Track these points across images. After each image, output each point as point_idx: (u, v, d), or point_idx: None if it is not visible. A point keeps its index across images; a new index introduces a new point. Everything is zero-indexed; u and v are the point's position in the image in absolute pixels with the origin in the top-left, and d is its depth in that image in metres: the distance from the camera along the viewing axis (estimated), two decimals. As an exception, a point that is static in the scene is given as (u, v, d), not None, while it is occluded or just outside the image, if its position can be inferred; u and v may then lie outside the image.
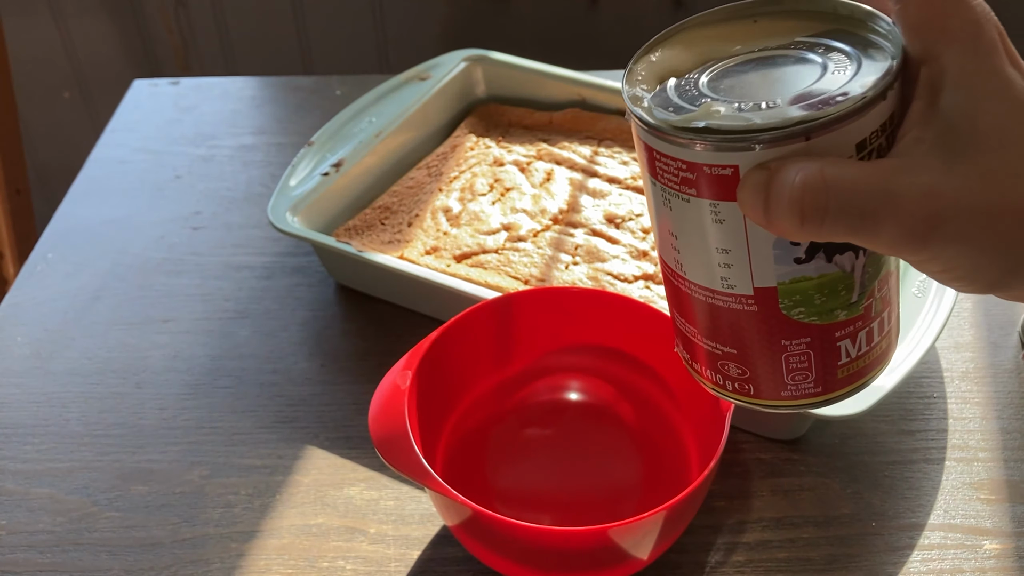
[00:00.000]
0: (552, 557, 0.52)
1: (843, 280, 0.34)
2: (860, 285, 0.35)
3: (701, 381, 0.40)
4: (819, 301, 0.35)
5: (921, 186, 0.30)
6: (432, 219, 0.74)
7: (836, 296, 0.35)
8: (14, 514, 0.60)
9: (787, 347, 0.36)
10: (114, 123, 0.94)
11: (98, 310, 0.74)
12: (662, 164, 0.33)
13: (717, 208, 0.33)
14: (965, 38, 0.31)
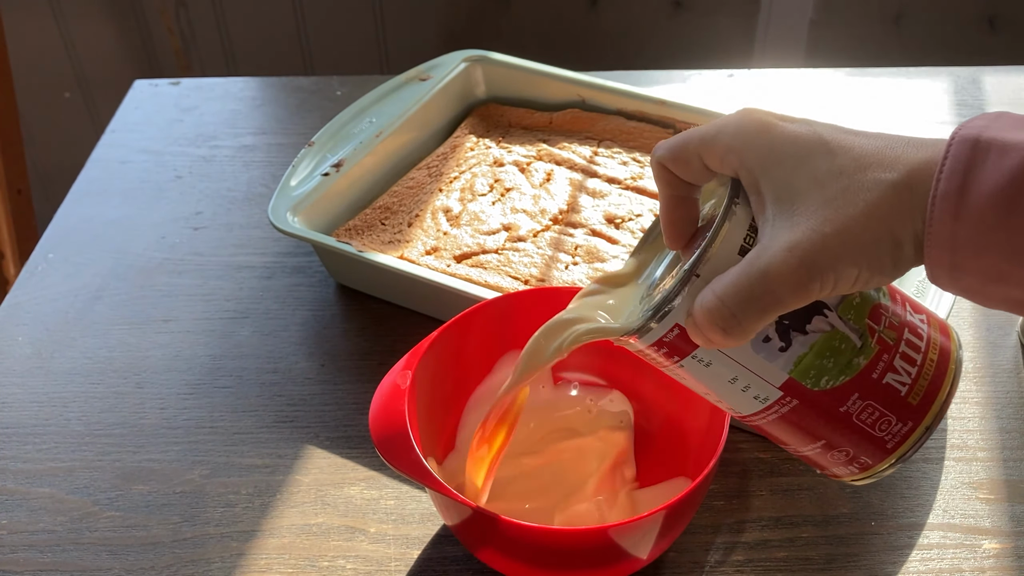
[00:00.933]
0: (552, 556, 0.52)
1: (833, 338, 0.39)
2: (853, 332, 0.39)
3: (841, 480, 0.44)
4: (831, 364, 0.39)
5: (780, 251, 0.37)
6: (432, 219, 0.75)
7: (841, 352, 0.39)
8: (15, 513, 0.60)
9: (850, 411, 0.40)
10: (115, 123, 0.95)
11: (99, 310, 0.74)
12: (657, 355, 0.41)
13: (697, 358, 0.40)
14: (744, 151, 0.39)
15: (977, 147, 0.35)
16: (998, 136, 0.35)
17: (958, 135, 0.35)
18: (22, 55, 1.46)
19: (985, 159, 0.34)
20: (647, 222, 0.73)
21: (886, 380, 0.39)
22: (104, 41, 1.51)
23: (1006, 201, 0.34)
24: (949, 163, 0.35)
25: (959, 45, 1.47)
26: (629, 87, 0.83)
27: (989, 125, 0.35)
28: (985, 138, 0.35)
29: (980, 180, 0.34)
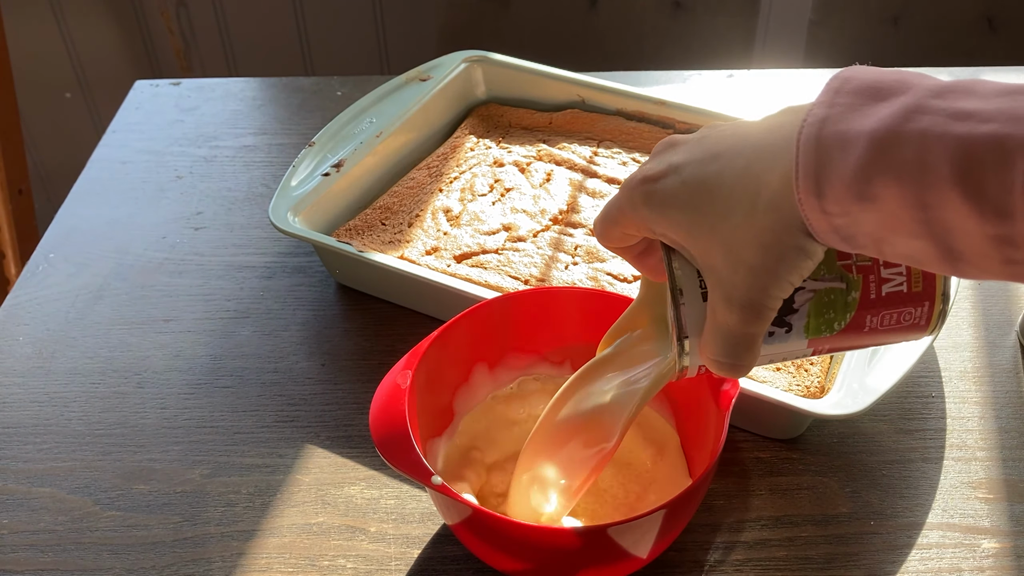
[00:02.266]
0: (552, 555, 0.52)
1: (821, 297, 0.42)
2: (834, 280, 0.42)
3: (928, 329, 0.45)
4: (833, 313, 0.42)
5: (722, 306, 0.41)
6: (432, 219, 0.75)
7: (834, 302, 0.42)
8: (16, 513, 0.60)
9: (873, 327, 0.43)
10: (116, 123, 0.95)
11: (100, 310, 0.75)
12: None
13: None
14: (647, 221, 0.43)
15: (820, 148, 0.36)
16: (838, 128, 0.36)
17: (802, 136, 0.37)
18: (23, 55, 1.46)
19: (828, 160, 0.36)
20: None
21: (884, 291, 0.42)
22: (105, 41, 1.51)
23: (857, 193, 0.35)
24: (801, 180, 0.36)
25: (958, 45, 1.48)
26: (629, 87, 0.83)
27: (828, 116, 0.36)
28: (826, 134, 0.36)
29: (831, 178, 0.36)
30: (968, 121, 0.33)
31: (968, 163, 0.33)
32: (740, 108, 0.80)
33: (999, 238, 0.33)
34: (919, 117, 0.34)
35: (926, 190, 0.34)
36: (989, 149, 0.32)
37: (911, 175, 0.34)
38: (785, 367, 0.62)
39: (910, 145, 0.34)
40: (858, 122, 0.35)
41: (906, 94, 0.35)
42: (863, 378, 0.58)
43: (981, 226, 0.33)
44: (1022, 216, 0.32)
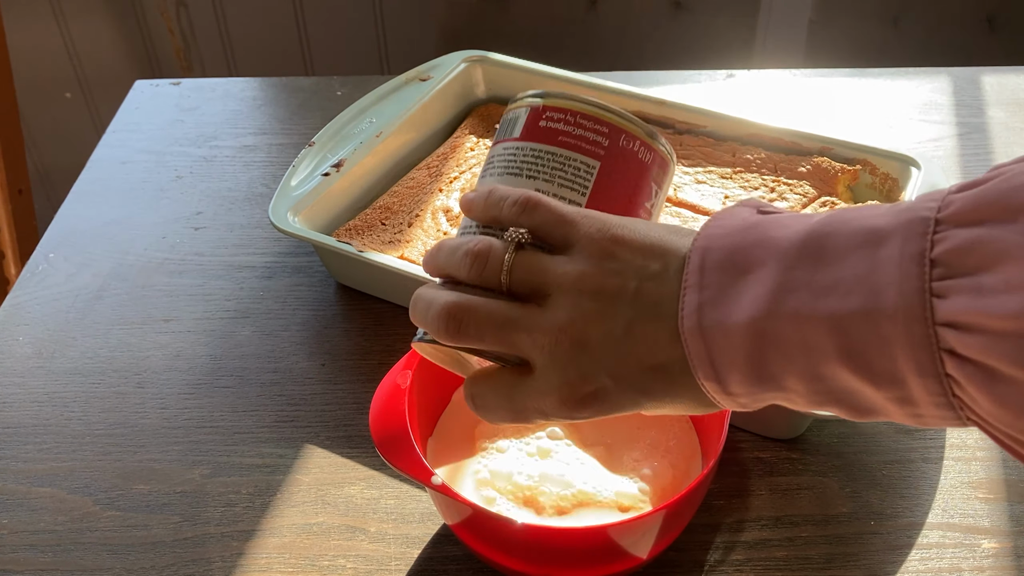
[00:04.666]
0: (552, 555, 0.52)
1: None
2: None
3: None
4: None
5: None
6: (432, 219, 0.75)
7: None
8: (16, 513, 0.60)
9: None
10: (116, 123, 0.95)
11: (100, 310, 0.75)
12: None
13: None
14: None
15: (706, 338, 0.37)
16: (715, 318, 0.36)
17: (685, 329, 0.37)
18: (23, 55, 1.46)
19: (719, 351, 0.36)
20: (647, 222, 0.73)
21: None
22: (105, 41, 1.51)
23: (756, 377, 0.36)
24: (699, 369, 0.37)
25: (958, 45, 1.48)
26: (629, 87, 0.83)
27: (702, 303, 0.37)
28: (707, 325, 0.36)
29: (727, 366, 0.37)
30: (832, 295, 0.34)
31: (847, 341, 0.33)
32: (741, 108, 0.80)
33: (900, 399, 0.34)
34: (786, 296, 0.35)
35: (817, 366, 0.34)
36: (860, 324, 0.33)
37: (800, 355, 0.35)
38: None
39: (788, 327, 0.35)
40: (733, 309, 0.36)
41: (766, 265, 0.35)
42: (863, 378, 0.58)
43: (879, 392, 0.34)
44: (913, 378, 0.32)
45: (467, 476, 0.56)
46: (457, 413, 0.60)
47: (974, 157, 0.87)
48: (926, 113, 0.93)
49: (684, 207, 0.74)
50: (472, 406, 0.43)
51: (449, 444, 0.58)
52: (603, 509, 0.54)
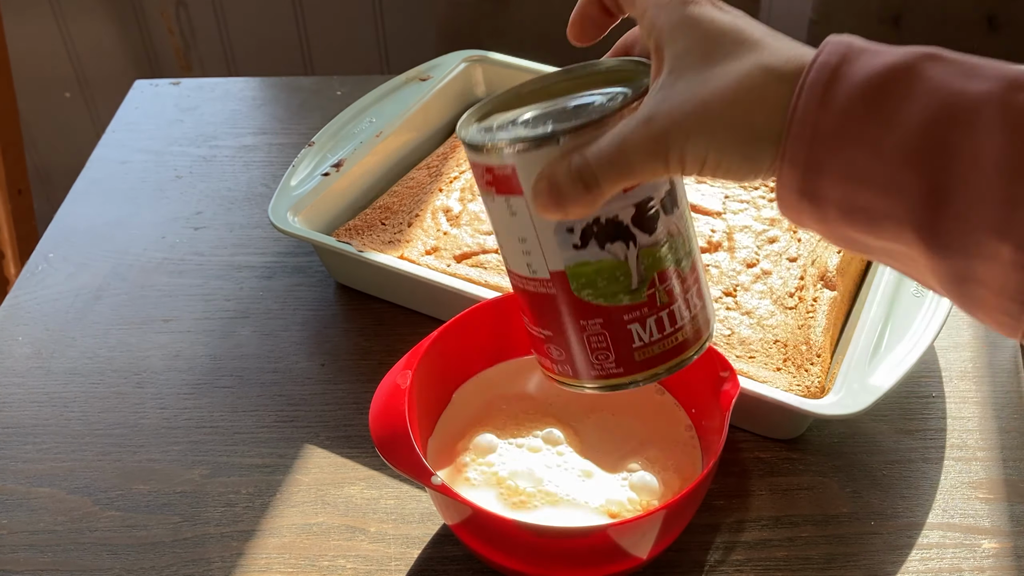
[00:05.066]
0: (552, 555, 0.52)
1: (619, 267, 0.41)
2: (637, 273, 0.41)
3: (544, 372, 0.47)
4: (602, 284, 0.41)
5: (638, 119, 0.37)
6: (432, 219, 0.75)
7: (616, 281, 0.41)
8: (15, 513, 0.60)
9: (585, 327, 0.43)
10: (115, 123, 0.95)
11: (99, 310, 0.74)
12: (476, 172, 0.41)
13: (510, 202, 0.41)
14: (661, 15, 0.39)
15: (852, 46, 0.35)
16: (872, 45, 0.35)
17: (832, 39, 0.35)
18: (23, 55, 1.46)
19: (859, 56, 0.34)
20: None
21: (630, 327, 0.42)
22: (104, 41, 1.51)
23: (876, 91, 0.33)
24: (822, 56, 0.35)
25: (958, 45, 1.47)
26: (629, 87, 0.83)
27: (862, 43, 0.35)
28: (859, 44, 0.35)
29: (852, 72, 0.34)
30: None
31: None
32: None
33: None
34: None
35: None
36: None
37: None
38: (785, 367, 0.62)
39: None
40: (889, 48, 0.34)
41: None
42: (864, 378, 0.58)
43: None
44: None
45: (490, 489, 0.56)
46: (457, 413, 0.60)
47: (974, 157, 0.87)
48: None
49: (684, 207, 0.74)
50: (548, 190, 0.39)
51: (449, 444, 0.58)
52: (571, 509, 0.54)
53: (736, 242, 0.71)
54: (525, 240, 0.41)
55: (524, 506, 0.53)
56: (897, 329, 0.61)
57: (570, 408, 0.60)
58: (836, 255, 0.68)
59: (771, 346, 0.64)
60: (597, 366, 0.44)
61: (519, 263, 0.43)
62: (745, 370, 0.61)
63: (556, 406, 0.60)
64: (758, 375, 0.61)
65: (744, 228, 0.72)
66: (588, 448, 0.57)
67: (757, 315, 0.66)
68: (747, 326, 0.65)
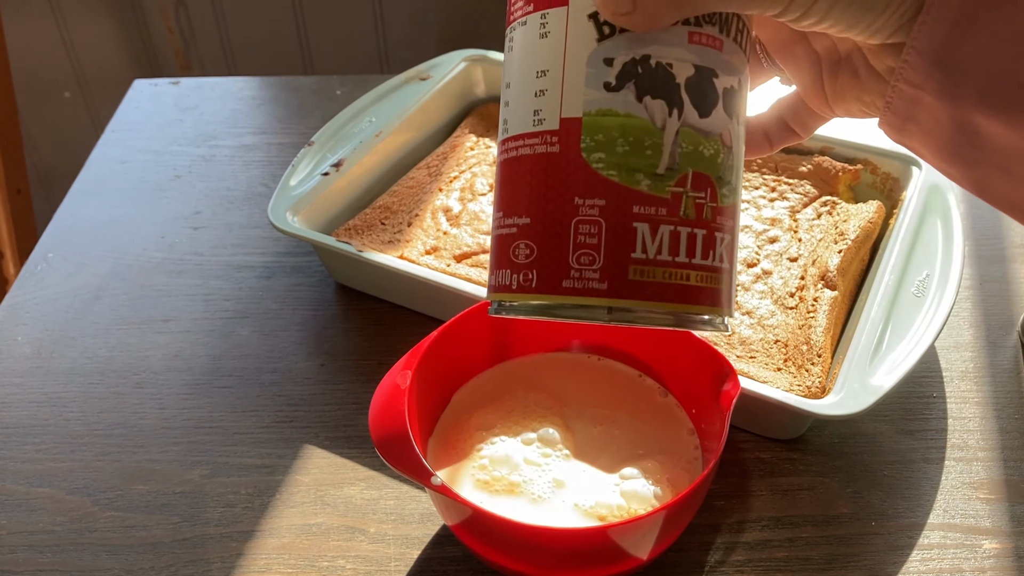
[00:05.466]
0: (552, 556, 0.52)
1: (650, 134, 0.33)
2: (669, 155, 0.33)
3: (496, 293, 0.36)
4: (621, 149, 0.33)
5: None
6: (432, 219, 0.74)
7: (640, 151, 0.33)
8: (14, 514, 0.60)
9: (579, 208, 0.33)
10: (115, 123, 0.95)
11: (98, 310, 0.74)
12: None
13: (546, 19, 0.33)
14: None
15: None
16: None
17: None
18: (22, 54, 1.46)
19: None
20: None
21: (636, 226, 0.33)
22: (104, 41, 1.51)
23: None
24: None
25: (959, 45, 1.47)
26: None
27: None
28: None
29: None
30: None
31: None
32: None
33: None
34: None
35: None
36: None
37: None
38: (786, 367, 0.62)
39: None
40: None
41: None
42: (864, 378, 0.58)
43: None
44: None
45: (467, 470, 0.56)
46: (457, 413, 0.60)
47: (975, 157, 0.87)
48: (927, 113, 0.93)
49: (684, 207, 0.74)
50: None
51: (449, 444, 0.58)
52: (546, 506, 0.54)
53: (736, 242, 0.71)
54: (545, 73, 0.33)
55: (488, 488, 0.54)
56: (898, 329, 0.61)
57: (570, 408, 0.60)
58: (837, 255, 0.68)
59: (771, 346, 0.64)
60: (575, 272, 0.33)
61: (524, 114, 0.34)
62: (745, 370, 0.61)
63: (556, 406, 0.60)
64: (758, 375, 0.61)
65: (744, 228, 0.72)
66: (585, 449, 0.57)
67: (757, 315, 0.66)
68: (747, 326, 0.65)
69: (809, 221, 0.72)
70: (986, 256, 0.77)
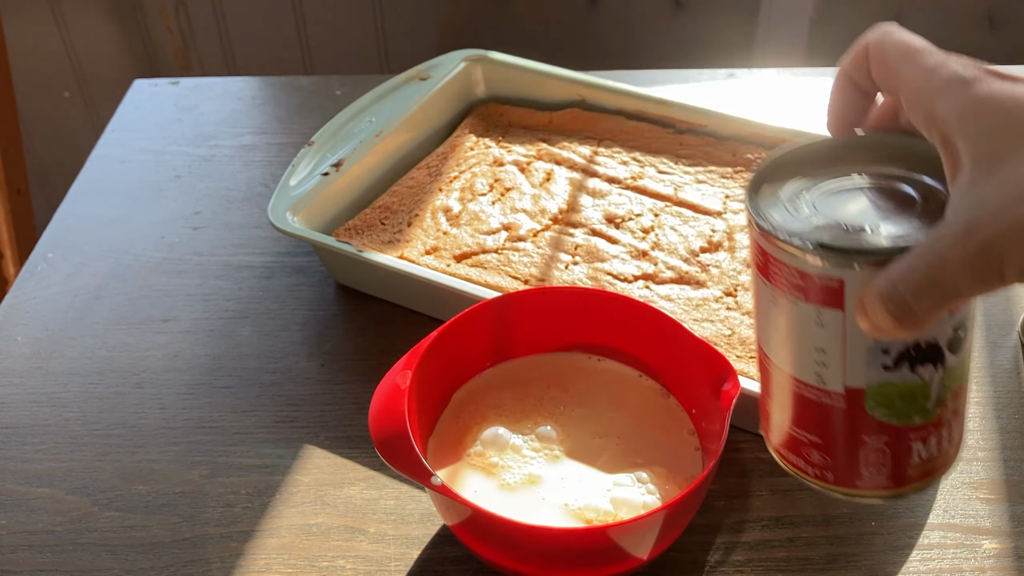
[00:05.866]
0: (552, 556, 0.52)
1: (921, 389, 0.39)
2: (936, 396, 0.39)
3: (782, 463, 0.45)
4: (900, 406, 0.39)
5: (959, 234, 0.32)
6: (432, 219, 0.74)
7: (915, 403, 0.39)
8: (14, 514, 0.60)
9: (867, 442, 0.41)
10: (114, 123, 0.95)
11: (98, 310, 0.74)
12: (775, 268, 0.38)
13: (821, 314, 0.38)
14: (939, 102, 0.34)
15: None
16: None
17: None
18: (22, 54, 1.46)
19: None
20: (647, 221, 0.73)
21: (913, 445, 0.41)
22: (104, 41, 1.51)
23: None
24: None
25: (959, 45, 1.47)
26: (629, 87, 0.83)
27: None
28: None
29: None
30: None
31: None
32: (742, 107, 0.80)
33: None
34: None
35: None
36: None
37: None
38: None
39: None
40: None
41: None
42: (864, 378, 0.58)
43: None
44: None
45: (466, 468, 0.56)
46: (457, 413, 0.60)
47: (975, 157, 0.87)
48: (927, 112, 0.93)
49: (684, 206, 0.74)
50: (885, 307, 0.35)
51: (449, 444, 0.58)
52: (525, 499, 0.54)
53: (736, 242, 0.71)
54: (824, 352, 0.39)
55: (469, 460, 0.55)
56: (898, 329, 0.61)
57: (570, 408, 0.60)
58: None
59: (771, 346, 0.64)
60: (866, 478, 0.42)
61: (806, 370, 0.40)
62: (746, 370, 0.61)
63: (556, 406, 0.60)
64: (757, 375, 0.61)
65: (744, 228, 0.72)
66: (582, 449, 0.57)
67: (757, 315, 0.66)
68: (747, 326, 0.65)
69: (809, 221, 0.72)
70: (986, 256, 0.77)
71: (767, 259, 0.38)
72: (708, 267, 0.69)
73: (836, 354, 0.38)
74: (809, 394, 0.41)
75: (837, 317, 0.37)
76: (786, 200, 0.39)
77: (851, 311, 0.37)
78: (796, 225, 0.37)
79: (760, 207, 0.39)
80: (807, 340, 0.39)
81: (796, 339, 0.40)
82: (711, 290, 0.68)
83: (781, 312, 0.39)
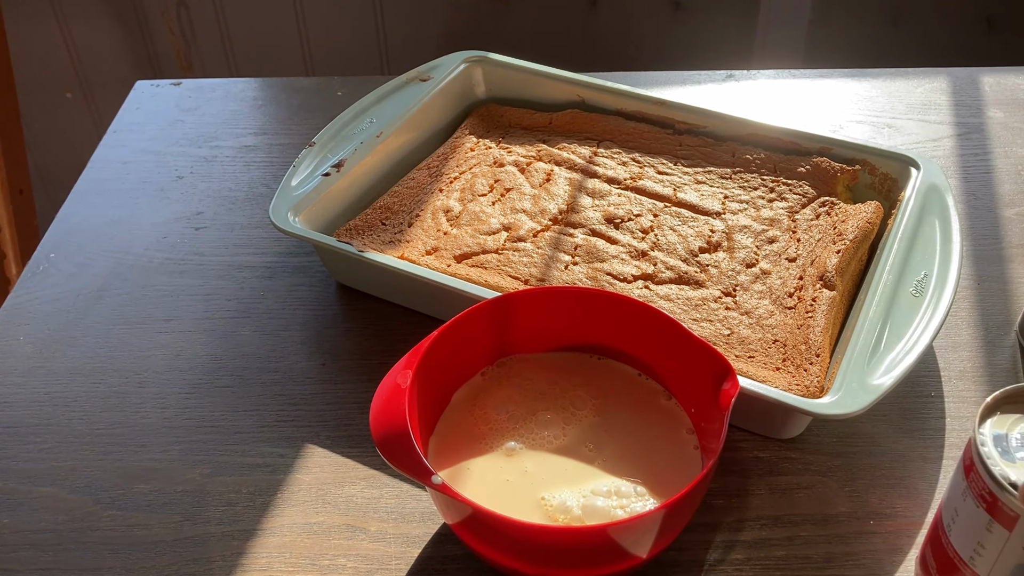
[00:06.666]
0: (552, 554, 0.52)
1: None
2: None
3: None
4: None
5: None
6: (432, 219, 0.75)
7: None
8: (17, 512, 0.60)
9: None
10: (116, 124, 0.95)
11: (100, 310, 0.75)
12: (975, 479, 0.46)
13: (992, 525, 0.46)
14: None
15: None
16: None
17: None
18: (24, 56, 1.46)
19: None
20: (646, 222, 0.73)
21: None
22: (106, 42, 1.51)
23: None
24: None
25: (957, 46, 1.48)
26: (629, 87, 0.83)
27: None
28: None
29: None
30: None
31: None
32: (740, 108, 0.80)
33: None
34: None
35: None
36: None
37: None
38: (785, 366, 0.62)
39: None
40: None
41: None
42: (862, 378, 0.58)
43: None
44: None
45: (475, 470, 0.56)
46: (457, 413, 0.60)
47: (973, 157, 0.88)
48: (925, 113, 0.93)
49: (684, 207, 0.74)
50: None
51: (449, 444, 0.58)
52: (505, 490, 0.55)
53: (735, 242, 0.71)
54: (984, 547, 0.47)
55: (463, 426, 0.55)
56: (896, 329, 0.62)
57: (569, 408, 0.60)
58: (835, 255, 0.68)
59: (770, 346, 0.64)
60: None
61: (965, 550, 0.48)
62: (744, 370, 0.62)
63: (556, 406, 0.60)
64: (757, 375, 0.61)
65: (743, 228, 0.72)
66: (579, 449, 0.58)
67: (756, 315, 0.66)
68: (746, 326, 0.65)
69: (808, 221, 0.73)
70: (984, 256, 0.77)
71: (972, 462, 0.46)
72: (707, 267, 0.69)
73: (991, 554, 0.46)
74: (957, 562, 0.49)
75: (1002, 533, 0.45)
76: (1008, 426, 0.47)
77: (1017, 536, 0.45)
78: (1003, 455, 0.46)
79: (986, 428, 0.47)
80: (975, 532, 0.47)
81: (966, 526, 0.48)
82: (710, 290, 0.68)
83: (966, 506, 0.47)
